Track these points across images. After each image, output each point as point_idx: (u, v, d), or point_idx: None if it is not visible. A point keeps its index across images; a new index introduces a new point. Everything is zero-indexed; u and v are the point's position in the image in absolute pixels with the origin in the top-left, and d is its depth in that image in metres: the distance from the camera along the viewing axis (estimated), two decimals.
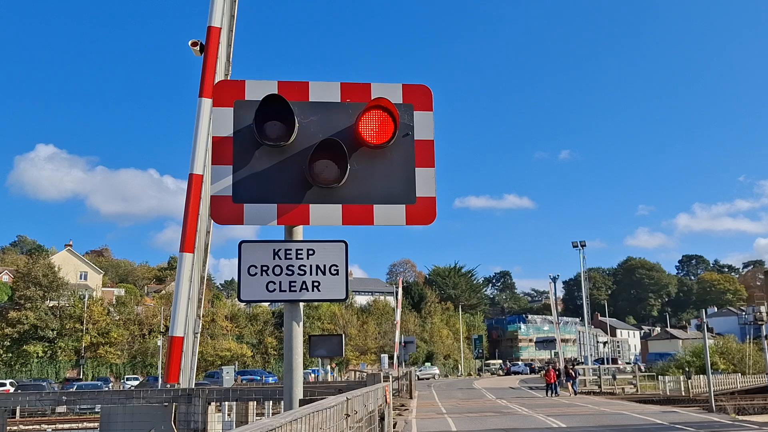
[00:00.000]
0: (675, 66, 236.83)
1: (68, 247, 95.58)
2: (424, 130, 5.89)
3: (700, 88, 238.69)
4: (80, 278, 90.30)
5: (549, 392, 40.90)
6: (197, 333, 14.79)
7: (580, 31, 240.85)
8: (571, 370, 44.40)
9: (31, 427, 30.49)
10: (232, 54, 16.14)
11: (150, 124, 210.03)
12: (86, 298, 76.23)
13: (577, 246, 68.19)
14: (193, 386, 12.14)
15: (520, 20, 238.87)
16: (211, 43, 14.66)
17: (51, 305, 73.20)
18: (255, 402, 10.88)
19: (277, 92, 5.62)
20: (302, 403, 5.16)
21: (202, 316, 16.51)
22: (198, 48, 14.61)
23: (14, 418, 33.68)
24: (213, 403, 9.66)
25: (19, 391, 39.95)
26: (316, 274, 5.74)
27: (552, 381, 41.27)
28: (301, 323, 5.87)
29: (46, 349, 71.23)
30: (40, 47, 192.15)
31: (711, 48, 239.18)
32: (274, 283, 5.67)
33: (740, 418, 24.23)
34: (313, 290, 5.71)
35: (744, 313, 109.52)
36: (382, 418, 6.06)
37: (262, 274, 5.68)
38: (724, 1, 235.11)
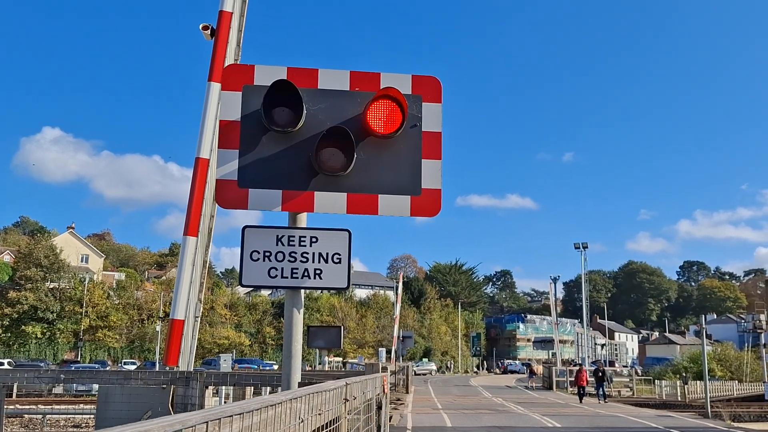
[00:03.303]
0: (681, 74, 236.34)
1: (70, 230, 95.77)
2: (432, 122, 5.87)
3: (706, 97, 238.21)
4: (81, 261, 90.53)
5: (580, 398, 34.92)
6: (198, 317, 14.80)
7: (587, 36, 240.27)
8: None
9: (27, 407, 30.58)
10: (242, 39, 16.13)
11: (156, 111, 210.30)
12: (86, 281, 76.43)
13: (579, 247, 68.14)
14: (192, 370, 12.17)
15: (528, 22, 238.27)
16: (222, 27, 14.64)
17: (51, 287, 73.42)
18: (252, 387, 10.90)
19: (286, 78, 5.61)
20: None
21: (202, 302, 16.56)
22: (209, 32, 14.60)
23: (11, 397, 33.81)
24: (210, 387, 9.68)
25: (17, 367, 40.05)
26: (319, 261, 5.74)
27: (583, 384, 35.49)
28: (302, 311, 5.87)
29: (45, 331, 71.47)
30: (49, 31, 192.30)
31: (717, 57, 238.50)
32: (276, 269, 5.67)
33: (735, 425, 24.23)
34: (315, 278, 5.71)
35: (743, 321, 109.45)
36: (379, 407, 6.07)
37: (264, 260, 5.68)
38: (731, 13, 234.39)
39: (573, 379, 40.95)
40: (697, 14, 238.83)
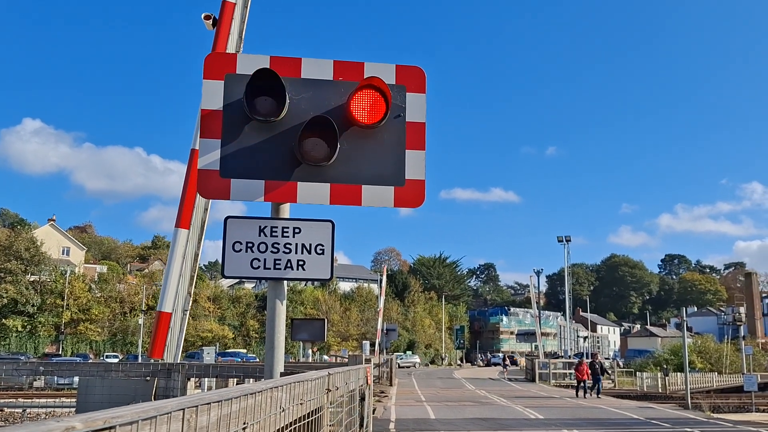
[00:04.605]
0: (664, 72, 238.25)
1: (51, 222, 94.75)
2: (416, 112, 5.83)
3: (687, 94, 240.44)
4: (62, 254, 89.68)
5: (580, 392, 33.15)
6: (186, 310, 14.68)
7: (572, 32, 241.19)
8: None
9: (7, 400, 30.28)
10: (245, 31, 15.92)
11: (139, 102, 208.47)
12: (68, 274, 75.67)
13: (562, 241, 68.49)
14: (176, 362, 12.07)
15: (513, 17, 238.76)
16: (225, 17, 14.44)
17: (32, 280, 72.59)
18: (235, 379, 10.84)
19: (269, 67, 5.54)
20: None
21: (192, 296, 16.47)
22: (211, 22, 14.37)
23: None
24: (193, 379, 9.61)
25: None
26: (302, 252, 5.69)
27: (584, 378, 33.34)
28: (285, 302, 5.83)
29: (26, 324, 70.68)
30: (29, 23, 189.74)
31: (699, 58, 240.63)
32: (259, 260, 5.62)
33: (715, 415, 24.51)
34: (297, 269, 5.66)
35: (723, 314, 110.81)
36: (362, 398, 6.05)
37: (247, 251, 5.62)
38: (716, 16, 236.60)
39: (573, 372, 39.38)
40: (682, 16, 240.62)
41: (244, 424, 1.76)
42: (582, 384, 33.43)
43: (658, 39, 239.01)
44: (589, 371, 34.23)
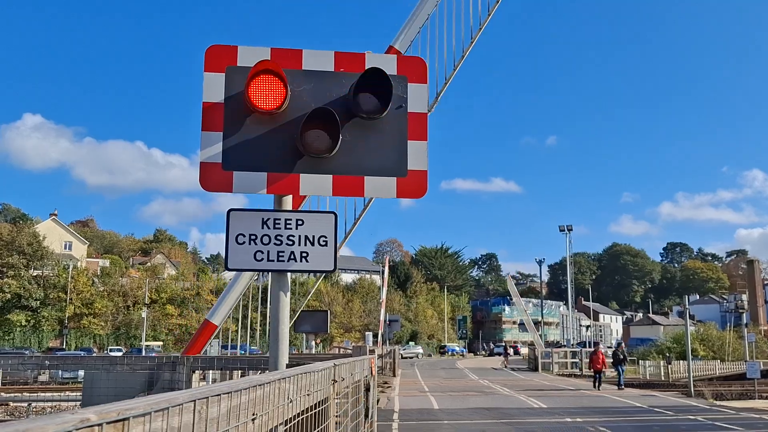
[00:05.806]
0: (664, 61, 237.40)
1: (53, 217, 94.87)
2: (417, 103, 5.82)
3: (688, 82, 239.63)
4: (65, 248, 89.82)
5: (597, 383, 30.72)
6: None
7: (572, 20, 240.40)
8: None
9: (12, 394, 30.39)
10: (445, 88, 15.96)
11: (139, 96, 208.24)
12: (70, 268, 75.81)
13: (564, 230, 68.45)
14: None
15: (513, 7, 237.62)
16: None
17: (35, 274, 72.76)
18: (240, 371, 10.91)
19: (269, 59, 5.53)
20: None
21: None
22: None
23: None
24: (197, 372, 9.66)
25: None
26: (305, 244, 5.68)
27: (600, 367, 31.16)
28: (288, 294, 5.83)
29: (30, 319, 70.89)
30: (29, 17, 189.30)
31: (699, 45, 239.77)
32: (262, 253, 5.61)
33: (717, 403, 24.59)
34: (301, 261, 5.65)
35: (726, 301, 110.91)
36: (367, 389, 6.08)
37: (250, 243, 5.61)
38: (718, 5, 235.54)
39: (588, 361, 38.03)
40: (683, 6, 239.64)
41: (254, 414, 1.78)
42: (598, 375, 31.01)
43: (660, 28, 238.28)
44: (608, 361, 32.39)
